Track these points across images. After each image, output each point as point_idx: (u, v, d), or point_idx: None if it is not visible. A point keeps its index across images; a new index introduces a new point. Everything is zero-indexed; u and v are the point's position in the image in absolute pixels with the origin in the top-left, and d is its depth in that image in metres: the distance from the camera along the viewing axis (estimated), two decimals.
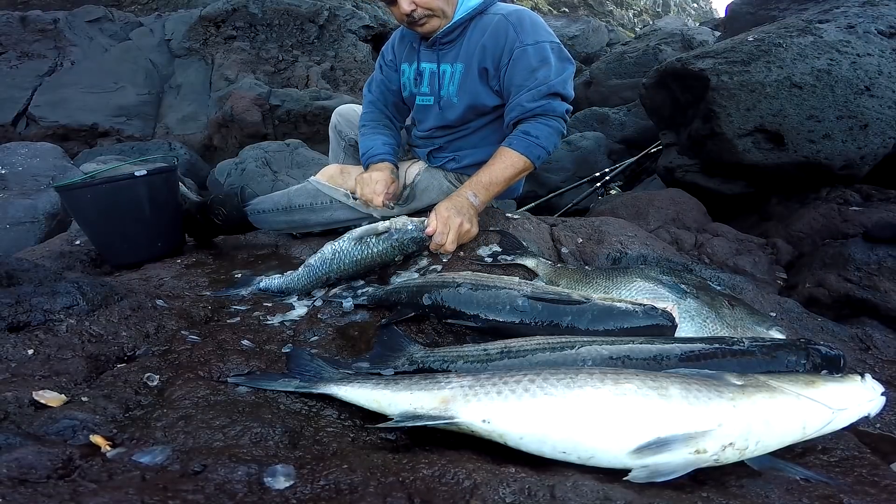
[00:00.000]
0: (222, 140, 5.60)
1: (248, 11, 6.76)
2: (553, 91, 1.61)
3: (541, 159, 1.66)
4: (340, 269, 1.46)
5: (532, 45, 1.61)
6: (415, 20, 1.64)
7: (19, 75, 5.88)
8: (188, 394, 0.90)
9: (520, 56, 1.61)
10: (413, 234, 1.49)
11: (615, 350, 0.94)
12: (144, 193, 1.81)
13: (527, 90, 1.61)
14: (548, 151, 1.66)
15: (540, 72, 1.60)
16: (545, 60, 1.61)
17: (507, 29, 1.63)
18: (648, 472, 0.69)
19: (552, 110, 1.62)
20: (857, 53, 2.42)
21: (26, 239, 2.92)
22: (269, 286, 1.50)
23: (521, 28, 1.62)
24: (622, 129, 4.87)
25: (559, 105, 1.64)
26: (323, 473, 0.70)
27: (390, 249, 1.48)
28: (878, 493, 0.75)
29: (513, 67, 1.62)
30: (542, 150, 1.64)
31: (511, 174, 1.64)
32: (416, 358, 1.06)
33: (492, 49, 1.65)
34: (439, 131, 1.87)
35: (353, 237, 1.49)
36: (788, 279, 2.05)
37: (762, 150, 2.45)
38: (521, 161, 1.63)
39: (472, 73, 1.69)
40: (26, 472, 0.63)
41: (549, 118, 1.63)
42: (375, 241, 1.47)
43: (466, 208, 1.57)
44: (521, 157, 1.62)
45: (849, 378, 0.82)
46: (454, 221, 1.51)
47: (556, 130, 1.65)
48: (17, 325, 1.05)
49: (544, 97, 1.61)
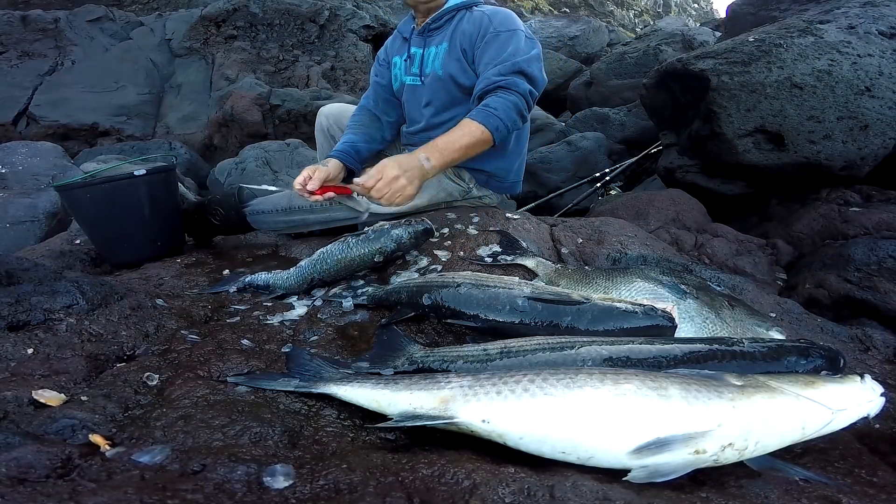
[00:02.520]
0: (222, 140, 5.60)
1: (249, 11, 6.76)
2: (518, 69, 1.68)
3: (499, 131, 1.66)
4: (323, 269, 1.47)
5: (504, 32, 1.75)
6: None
7: (20, 74, 5.88)
8: (188, 393, 0.90)
9: (492, 39, 1.75)
10: (391, 233, 1.49)
11: (615, 350, 0.94)
12: (144, 193, 1.81)
13: (493, 65, 1.71)
14: (505, 125, 1.66)
15: (506, 50, 1.72)
16: (515, 45, 1.73)
17: (484, 19, 1.81)
18: (648, 472, 0.69)
19: (514, 85, 1.67)
20: (858, 54, 2.41)
21: (26, 238, 2.92)
22: (254, 281, 1.52)
23: (496, 20, 1.79)
24: (622, 130, 4.87)
25: (522, 83, 1.68)
26: (322, 473, 0.70)
27: (368, 251, 1.48)
28: (876, 493, 0.75)
29: (485, 47, 1.76)
30: (500, 122, 1.64)
31: (468, 142, 1.65)
32: (416, 358, 1.06)
33: (469, 32, 1.81)
34: (425, 133, 1.94)
35: (340, 239, 1.51)
36: (788, 280, 2.05)
37: (762, 151, 2.45)
38: (478, 129, 1.64)
39: (454, 50, 1.84)
40: (25, 471, 0.63)
41: (509, 92, 1.67)
42: (354, 241, 1.49)
43: (413, 168, 1.57)
44: (479, 125, 1.64)
45: (848, 379, 0.82)
46: (389, 173, 1.52)
47: (513, 105, 1.66)
48: (17, 325, 1.05)
49: (510, 73, 1.68)
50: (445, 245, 1.63)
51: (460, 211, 1.89)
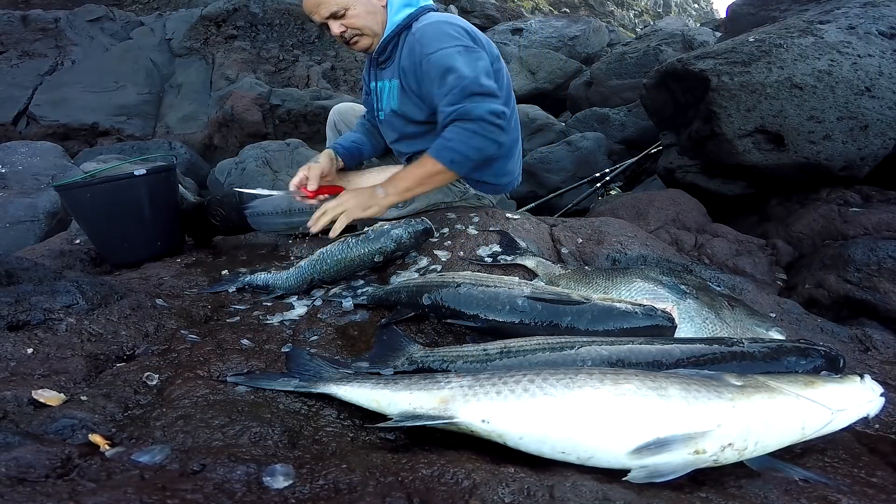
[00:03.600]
0: (222, 139, 5.60)
1: (249, 11, 6.77)
2: (468, 92, 1.57)
3: (455, 163, 1.61)
4: (323, 269, 1.48)
5: (433, 54, 1.63)
6: (347, 41, 1.76)
7: (20, 74, 5.88)
8: (187, 393, 0.90)
9: (427, 68, 1.65)
10: (391, 233, 1.50)
11: (615, 350, 0.94)
12: (144, 193, 1.81)
13: (442, 97, 1.61)
14: (464, 155, 1.59)
15: (449, 77, 1.59)
16: (450, 66, 1.60)
17: (414, 45, 1.69)
18: (647, 472, 0.69)
19: (466, 114, 1.56)
20: (858, 54, 2.41)
21: (26, 238, 2.92)
22: (253, 281, 1.53)
23: (424, 41, 1.66)
24: (622, 130, 4.87)
25: (476, 107, 1.56)
26: (322, 473, 0.70)
27: (368, 251, 1.49)
28: (876, 493, 0.75)
29: (426, 80, 1.67)
30: (454, 154, 1.59)
31: (422, 174, 1.64)
32: (416, 358, 1.06)
33: (409, 68, 1.73)
34: (396, 144, 1.98)
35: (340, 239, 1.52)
36: (788, 280, 2.05)
37: (762, 151, 2.45)
38: (430, 162, 1.62)
39: (405, 88, 1.78)
40: (25, 471, 0.63)
41: (464, 122, 1.57)
42: (354, 241, 1.50)
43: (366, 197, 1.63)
44: (431, 159, 1.61)
45: (848, 379, 0.82)
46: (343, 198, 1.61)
47: (473, 133, 1.57)
48: (17, 324, 1.05)
49: (461, 101, 1.57)
50: (445, 245, 1.63)
51: (460, 211, 1.89)
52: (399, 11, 1.75)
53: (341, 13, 1.68)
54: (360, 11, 1.69)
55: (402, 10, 1.75)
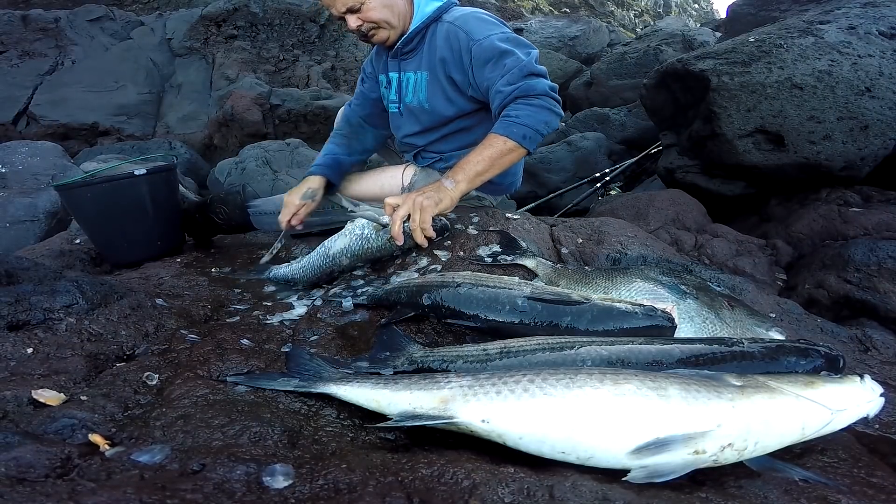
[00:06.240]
0: (223, 139, 5.60)
1: (250, 11, 6.77)
2: (527, 71, 1.60)
3: (528, 139, 1.58)
4: (342, 263, 1.55)
5: (484, 40, 1.65)
6: (364, 34, 1.76)
7: (20, 74, 5.89)
8: (187, 393, 0.90)
9: (479, 53, 1.66)
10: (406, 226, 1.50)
11: (614, 350, 0.94)
12: (144, 192, 1.81)
13: (499, 77, 1.62)
14: (534, 129, 1.58)
15: (506, 59, 1.62)
16: (505, 49, 1.63)
17: (458, 33, 1.70)
18: (647, 472, 0.69)
19: (531, 89, 1.59)
20: (858, 54, 2.41)
21: (26, 237, 2.92)
22: (277, 274, 1.62)
23: (469, 29, 1.69)
24: (623, 130, 4.87)
25: (538, 83, 1.60)
26: (322, 473, 0.70)
27: (388, 243, 1.53)
28: (875, 494, 0.75)
29: (477, 65, 1.67)
30: (526, 129, 1.57)
31: (492, 154, 1.58)
32: (416, 358, 1.06)
33: (451, 58, 1.72)
34: (413, 137, 1.95)
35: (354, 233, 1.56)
36: (788, 280, 2.05)
37: (762, 151, 2.45)
38: (500, 141, 1.57)
39: (437, 81, 1.77)
40: (25, 470, 0.63)
41: (529, 98, 1.59)
42: (374, 235, 1.54)
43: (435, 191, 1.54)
44: (501, 137, 1.58)
45: (848, 379, 0.82)
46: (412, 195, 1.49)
47: (540, 108, 1.59)
48: (17, 324, 1.05)
49: (520, 80, 1.59)
50: (445, 245, 1.63)
51: (460, 211, 1.89)
52: (429, 3, 1.77)
53: (357, 7, 1.68)
54: (375, 5, 1.70)
55: (432, 2, 1.77)
